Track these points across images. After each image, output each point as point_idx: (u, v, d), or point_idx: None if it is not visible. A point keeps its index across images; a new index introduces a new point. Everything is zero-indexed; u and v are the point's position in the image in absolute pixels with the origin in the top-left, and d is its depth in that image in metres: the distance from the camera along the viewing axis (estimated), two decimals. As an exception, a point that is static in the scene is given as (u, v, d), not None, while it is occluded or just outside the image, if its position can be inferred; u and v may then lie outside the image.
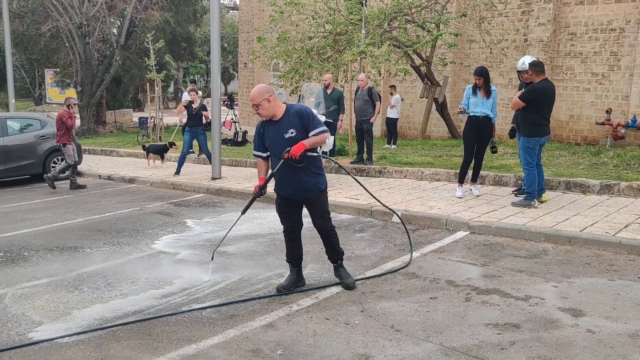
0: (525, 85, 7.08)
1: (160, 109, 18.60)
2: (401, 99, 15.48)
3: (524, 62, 7.32)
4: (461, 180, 7.92)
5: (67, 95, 32.81)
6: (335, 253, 4.79)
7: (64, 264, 5.82)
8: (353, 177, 6.13)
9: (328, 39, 14.00)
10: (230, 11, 44.30)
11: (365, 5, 12.93)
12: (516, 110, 7.16)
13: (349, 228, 6.75)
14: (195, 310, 4.37)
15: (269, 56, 15.12)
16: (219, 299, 4.61)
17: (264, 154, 4.65)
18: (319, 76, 13.94)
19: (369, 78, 11.31)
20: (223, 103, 14.91)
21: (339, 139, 12.79)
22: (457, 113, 7.53)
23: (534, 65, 6.87)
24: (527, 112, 6.84)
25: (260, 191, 4.61)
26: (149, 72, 18.84)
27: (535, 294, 4.40)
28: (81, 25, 21.22)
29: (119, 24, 24.24)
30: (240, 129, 17.39)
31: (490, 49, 14.35)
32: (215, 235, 6.76)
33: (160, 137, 17.64)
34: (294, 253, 4.79)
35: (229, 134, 17.15)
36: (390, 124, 14.56)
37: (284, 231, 4.82)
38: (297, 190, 4.57)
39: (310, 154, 4.45)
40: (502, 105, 14.52)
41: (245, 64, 26.90)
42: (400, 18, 13.76)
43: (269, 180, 4.66)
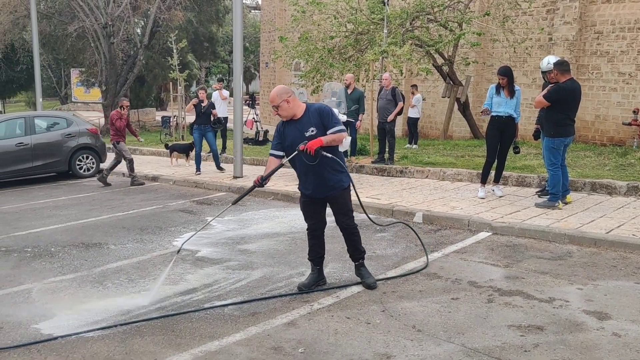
0: (550, 85, 6.99)
1: (182, 108, 18.77)
2: (422, 99, 15.40)
3: (549, 62, 7.22)
4: (483, 181, 7.85)
5: (92, 94, 33.42)
6: (357, 252, 4.79)
7: (89, 260, 5.92)
8: (353, 187, 5.99)
9: (350, 38, 13.99)
10: (252, 11, 44.58)
11: (388, 4, 12.86)
12: (540, 110, 7.07)
13: (370, 228, 6.72)
14: (217, 307, 4.41)
15: (291, 56, 15.18)
16: (241, 296, 4.65)
17: (280, 153, 4.66)
18: (340, 76, 13.94)
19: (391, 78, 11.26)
20: (244, 102, 14.98)
21: (360, 138, 12.76)
22: (480, 113, 7.46)
23: (559, 64, 6.77)
24: (552, 112, 6.75)
25: (262, 182, 4.56)
26: (171, 72, 19.03)
27: (559, 297, 4.34)
28: (106, 25, 21.54)
29: (143, 24, 24.55)
30: (262, 128, 17.48)
31: (514, 48, 14.18)
32: (236, 234, 6.81)
33: (182, 136, 17.82)
34: (316, 251, 4.80)
35: (251, 134, 17.26)
36: (411, 124, 14.50)
37: (307, 229, 4.83)
38: (320, 188, 4.59)
39: (324, 153, 4.42)
40: (526, 105, 14.35)
41: (266, 63, 27.04)
42: (422, 17, 13.69)
43: (273, 172, 4.63)
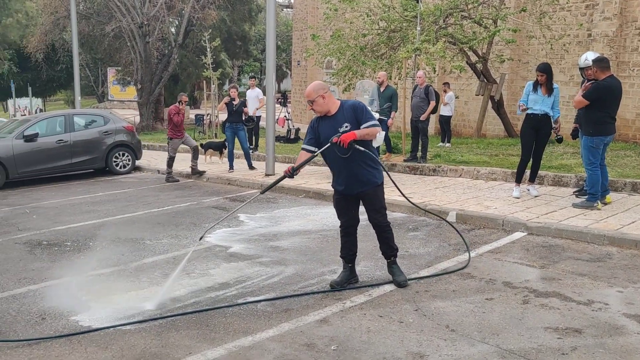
0: (588, 82, 6.81)
1: (215, 106, 19.01)
2: (455, 97, 15.21)
3: (587, 58, 7.04)
4: (518, 180, 7.72)
5: (128, 92, 34.13)
6: (389, 249, 4.79)
7: (126, 254, 6.06)
8: (390, 177, 6.04)
9: (382, 36, 13.92)
10: (284, 9, 44.78)
11: (421, 1, 12.74)
12: (579, 109, 6.90)
13: (402, 226, 6.70)
14: (250, 303, 4.46)
15: (323, 54, 15.20)
16: (273, 292, 4.68)
17: (313, 148, 4.66)
18: (373, 73, 13.89)
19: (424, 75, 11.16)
20: (276, 101, 15.09)
21: (392, 136, 12.69)
22: (521, 109, 7.29)
23: (599, 61, 6.59)
24: (591, 110, 6.58)
25: (292, 172, 4.56)
26: (205, 70, 19.29)
27: (598, 299, 4.23)
28: (142, 25, 21.97)
29: (177, 23, 24.93)
30: (293, 126, 17.56)
31: (551, 45, 13.87)
32: (268, 230, 6.87)
33: (215, 134, 18.04)
34: (349, 249, 4.79)
35: (282, 131, 17.35)
36: (444, 122, 14.34)
37: (340, 226, 4.83)
38: (353, 184, 4.60)
39: (357, 147, 4.43)
40: (563, 104, 13.99)
41: (298, 61, 27.13)
42: (456, 14, 13.51)
43: (305, 163, 4.63)
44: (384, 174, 4.79)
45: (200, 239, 5.23)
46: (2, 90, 33.70)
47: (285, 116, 18.15)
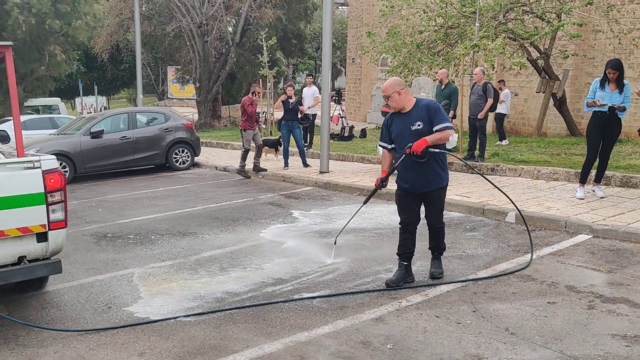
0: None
1: (271, 104, 19.24)
2: (515, 94, 14.76)
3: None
4: (583, 181, 7.41)
5: (187, 90, 35.07)
6: (438, 248, 4.88)
7: (185, 248, 6.24)
8: (484, 177, 5.95)
9: (439, 32, 13.69)
10: (340, 7, 44.75)
11: (480, -4, 12.42)
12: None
13: (460, 226, 6.58)
14: (306, 299, 4.50)
15: (378, 51, 15.11)
16: (328, 289, 4.71)
17: (389, 145, 4.74)
18: (429, 70, 13.69)
19: (483, 73, 10.89)
20: (331, 98, 15.11)
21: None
22: (599, 106, 6.92)
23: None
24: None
25: (382, 184, 4.71)
26: (261, 69, 19.56)
27: (670, 307, 4.02)
28: (201, 24, 22.52)
29: (234, 22, 25.39)
30: (347, 124, 17.54)
31: (619, 39, 13.22)
32: (322, 228, 6.90)
33: (270, 132, 18.27)
34: (407, 247, 4.78)
35: (336, 129, 17.36)
36: (497, 120, 13.95)
37: (400, 223, 4.84)
38: (420, 184, 4.61)
39: (432, 149, 4.46)
40: (632, 101, 13.35)
41: (353, 59, 27.07)
42: (517, 9, 13.10)
43: (390, 174, 4.75)
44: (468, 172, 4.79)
45: (335, 243, 5.50)
46: (71, 89, 35.36)
47: (339, 114, 18.15)
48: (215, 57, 23.92)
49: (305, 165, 11.68)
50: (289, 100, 11.53)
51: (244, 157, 11.46)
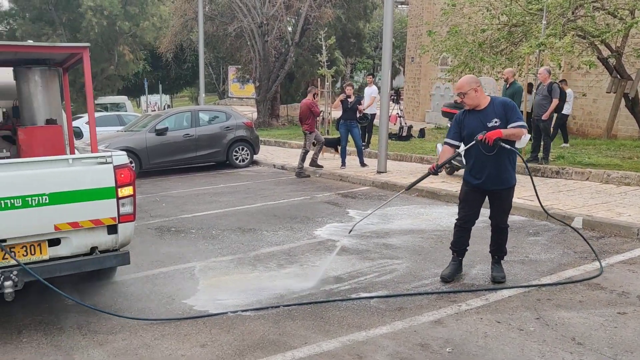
0: None
1: (329, 104, 19.32)
2: (574, 95, 14.16)
3: None
4: (657, 186, 7.02)
5: (246, 90, 35.74)
6: (499, 251, 4.81)
7: (245, 243, 6.37)
8: (531, 178, 5.77)
9: (502, 31, 13.30)
10: (399, 6, 44.31)
11: (547, -7, 11.98)
12: None
13: (522, 230, 6.38)
14: (363, 298, 4.50)
15: (438, 50, 14.86)
16: (386, 290, 4.69)
17: (457, 142, 4.73)
18: (491, 70, 13.35)
19: (549, 72, 10.51)
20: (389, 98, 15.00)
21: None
22: None
23: None
24: None
25: (436, 170, 4.68)
26: (320, 68, 19.66)
27: None
28: (261, 24, 22.88)
29: (294, 22, 25.64)
30: (406, 123, 17.36)
31: (699, 36, 12.42)
32: (379, 228, 6.87)
33: (327, 131, 18.34)
34: (462, 243, 4.86)
35: (394, 129, 17.22)
36: (559, 120, 13.39)
37: (457, 219, 4.86)
38: (490, 181, 4.59)
39: (503, 144, 4.43)
40: None
41: (412, 58, 26.77)
42: (587, 5, 12.54)
43: (449, 160, 4.75)
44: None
45: (350, 232, 5.53)
46: (137, 88, 36.85)
47: (397, 113, 17.99)
48: (274, 57, 24.25)
49: (363, 164, 11.65)
50: (348, 99, 11.54)
51: (303, 159, 11.54)
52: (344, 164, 11.77)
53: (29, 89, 4.95)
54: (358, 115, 11.82)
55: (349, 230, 5.49)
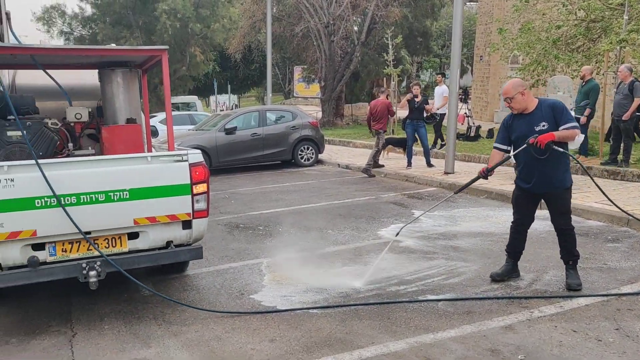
0: None
1: (396, 103, 19.17)
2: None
3: None
4: None
5: (311, 89, 36.06)
6: (569, 254, 4.64)
7: (310, 242, 6.45)
8: (592, 179, 5.54)
9: (579, 27, 12.73)
10: (468, 3, 43.28)
11: (630, -14, 11.34)
12: None
13: (599, 236, 6.10)
14: (430, 300, 4.45)
15: (509, 48, 14.41)
16: (454, 292, 4.61)
17: (506, 147, 4.70)
18: (566, 68, 12.80)
19: (630, 70, 9.95)
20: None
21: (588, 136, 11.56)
22: None
23: None
24: None
25: (487, 173, 4.66)
26: (386, 67, 19.54)
27: None
28: (328, 24, 23.01)
29: (360, 21, 25.60)
30: (474, 123, 16.94)
31: None
32: (447, 230, 6.76)
33: (392, 130, 18.20)
34: (516, 246, 4.82)
35: (462, 129, 16.84)
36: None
37: (512, 222, 4.84)
38: (542, 184, 4.51)
39: (555, 147, 4.35)
40: None
41: (481, 57, 26.07)
42: (674, -2, 11.78)
43: (500, 164, 4.70)
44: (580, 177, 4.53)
45: (397, 235, 5.42)
46: (206, 88, 38.03)
47: (465, 113, 17.56)
48: (340, 56, 24.32)
49: (430, 165, 11.50)
50: (415, 99, 11.41)
51: (374, 157, 11.65)
52: (410, 164, 11.65)
53: (111, 89, 5.23)
54: (425, 114, 11.67)
55: (396, 234, 5.37)
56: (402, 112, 15.51)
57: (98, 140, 5.50)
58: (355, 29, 25.38)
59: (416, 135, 11.71)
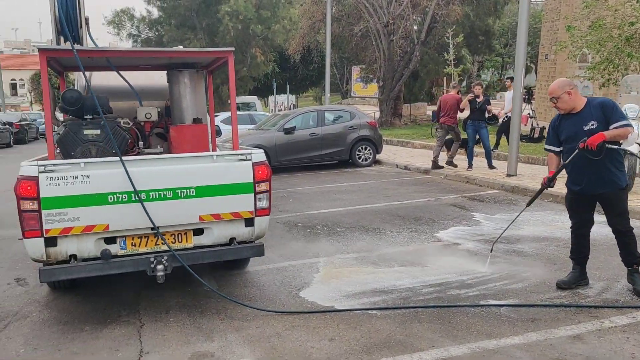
0: None
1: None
2: None
3: None
4: None
5: (369, 89, 35.94)
6: (630, 256, 4.47)
7: (368, 242, 6.44)
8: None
9: (655, 23, 12.05)
10: (532, 0, 41.89)
11: None
12: None
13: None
14: (493, 306, 4.35)
15: (578, 46, 13.83)
16: (517, 298, 4.49)
17: (557, 148, 4.61)
18: (639, 67, 12.17)
19: None
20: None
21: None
22: None
23: None
24: None
25: (549, 183, 4.58)
26: (446, 67, 19.24)
27: None
28: (387, 24, 22.87)
29: (420, 20, 25.30)
30: (537, 124, 16.39)
31: None
32: (509, 233, 6.54)
33: (452, 131, 17.86)
34: (580, 251, 4.66)
35: (525, 130, 16.32)
36: None
37: (571, 227, 4.70)
38: (593, 184, 4.38)
39: (609, 146, 4.23)
40: None
41: (546, 55, 25.17)
42: None
43: (559, 172, 4.59)
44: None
45: (491, 250, 5.44)
46: (265, 88, 38.68)
47: (528, 114, 17.01)
48: (399, 56, 24.12)
49: (491, 166, 11.23)
50: (477, 99, 11.17)
51: (456, 150, 11.72)
52: (470, 165, 11.41)
53: (179, 90, 5.42)
54: (487, 115, 11.40)
55: (490, 250, 5.42)
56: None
57: (166, 139, 5.71)
58: (415, 28, 25.08)
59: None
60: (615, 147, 4.25)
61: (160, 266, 4.19)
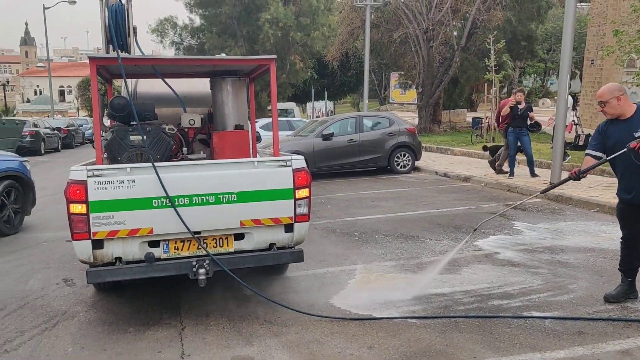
0: None
1: (495, 109, 18.50)
2: None
3: None
4: None
5: (408, 95, 35.72)
6: None
7: (407, 250, 6.38)
8: None
9: None
10: (578, 4, 40.86)
11: None
12: None
13: None
14: (536, 317, 4.25)
15: (625, 51, 13.43)
16: (562, 311, 4.37)
17: (599, 154, 4.46)
18: (691, 72, 11.72)
19: None
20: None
21: None
22: None
23: None
24: None
25: (578, 175, 4.38)
26: (487, 73, 18.94)
27: None
28: (427, 30, 22.71)
29: (460, 26, 25.01)
30: (582, 131, 15.94)
31: None
32: (552, 244, 6.42)
33: (493, 138, 17.58)
34: (629, 262, 4.53)
35: (569, 137, 15.90)
36: None
37: (621, 238, 4.58)
38: None
39: None
40: None
41: (592, 60, 24.50)
42: None
43: (595, 166, 4.45)
44: None
45: (474, 230, 5.36)
46: (303, 94, 38.87)
47: (573, 120, 16.57)
48: (439, 62, 23.90)
49: (534, 175, 10.98)
50: (518, 105, 10.96)
51: (505, 158, 11.70)
52: (512, 173, 11.19)
53: (222, 97, 5.51)
54: (529, 122, 11.17)
55: (474, 229, 5.39)
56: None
57: (208, 145, 5.81)
58: (455, 34, 24.82)
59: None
60: None
61: (202, 270, 4.25)
